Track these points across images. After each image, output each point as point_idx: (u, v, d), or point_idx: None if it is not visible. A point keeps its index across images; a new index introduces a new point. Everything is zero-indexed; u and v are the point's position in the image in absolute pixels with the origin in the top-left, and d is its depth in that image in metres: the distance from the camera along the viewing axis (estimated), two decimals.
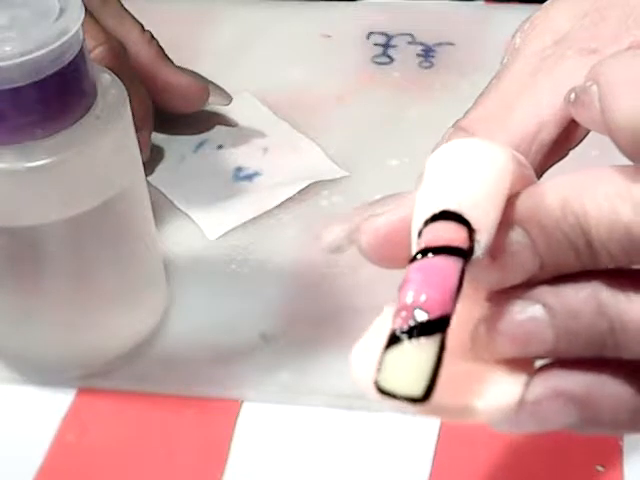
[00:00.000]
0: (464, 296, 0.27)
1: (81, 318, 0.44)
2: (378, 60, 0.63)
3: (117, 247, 0.43)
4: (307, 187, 0.54)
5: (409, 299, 0.26)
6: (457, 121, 0.34)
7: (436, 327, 0.26)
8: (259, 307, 0.48)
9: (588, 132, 0.32)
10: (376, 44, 0.64)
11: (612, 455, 0.41)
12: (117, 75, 0.42)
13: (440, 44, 0.64)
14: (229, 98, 0.57)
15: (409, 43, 0.64)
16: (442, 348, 0.25)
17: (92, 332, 0.44)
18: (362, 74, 0.62)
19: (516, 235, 0.27)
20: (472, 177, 0.27)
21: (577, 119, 0.30)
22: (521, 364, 0.28)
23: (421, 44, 0.64)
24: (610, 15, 0.33)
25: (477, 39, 0.64)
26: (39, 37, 0.37)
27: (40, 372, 0.45)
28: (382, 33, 0.65)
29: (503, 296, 0.28)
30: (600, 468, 0.40)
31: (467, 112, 0.34)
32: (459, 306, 0.27)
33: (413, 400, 0.25)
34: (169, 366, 0.45)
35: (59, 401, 0.45)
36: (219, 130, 0.58)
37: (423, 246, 0.27)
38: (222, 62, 0.62)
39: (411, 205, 0.29)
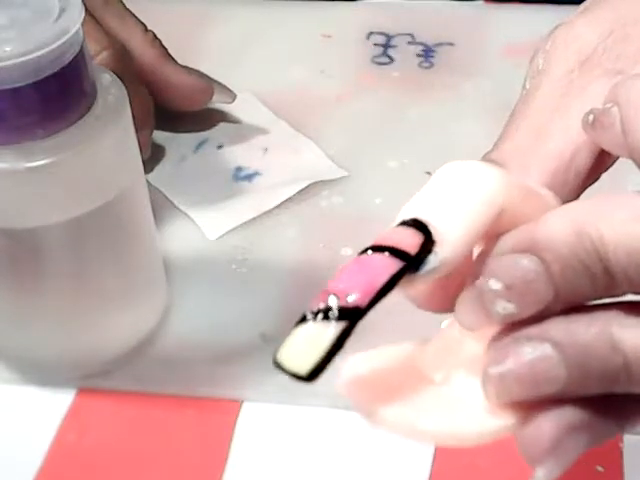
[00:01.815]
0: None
1: (81, 318, 0.44)
2: (378, 60, 0.63)
3: (117, 247, 0.43)
4: (307, 187, 0.54)
5: (331, 284, 0.27)
6: (487, 153, 0.33)
7: (344, 316, 0.26)
8: (259, 307, 0.48)
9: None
10: (376, 44, 0.64)
11: (612, 455, 0.41)
12: (120, 78, 0.42)
13: (440, 44, 0.64)
14: (233, 96, 0.57)
15: (409, 43, 0.64)
16: (344, 336, 0.26)
17: (92, 332, 0.44)
18: (362, 74, 0.62)
19: (529, 263, 0.27)
20: (456, 197, 0.28)
21: (596, 141, 0.30)
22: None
23: (421, 44, 0.64)
24: (634, 32, 0.32)
25: (477, 39, 0.64)
26: (39, 37, 0.37)
27: (40, 372, 0.45)
28: (382, 33, 0.65)
29: (512, 334, 0.27)
30: (600, 468, 0.40)
31: (497, 143, 0.33)
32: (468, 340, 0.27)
33: (298, 377, 0.26)
34: (169, 366, 0.45)
35: (59, 401, 0.45)
36: (219, 130, 0.58)
37: (375, 243, 0.27)
38: (222, 62, 0.62)
39: None
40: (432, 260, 0.27)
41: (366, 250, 0.27)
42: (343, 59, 0.63)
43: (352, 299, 0.26)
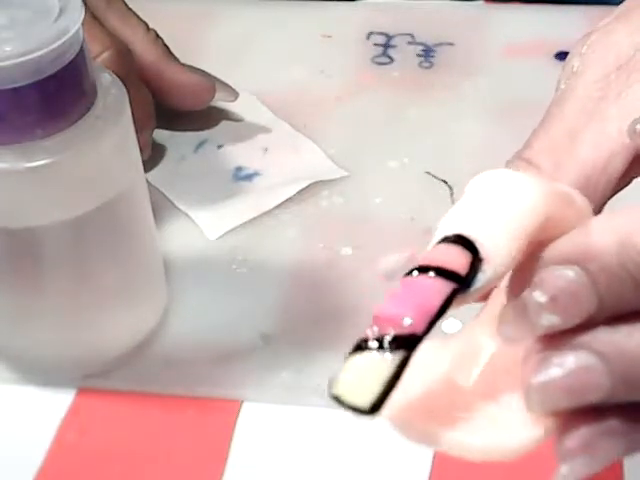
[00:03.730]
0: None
1: (81, 318, 0.44)
2: (378, 60, 0.63)
3: (117, 247, 0.43)
4: (307, 187, 0.54)
5: (384, 311, 0.25)
6: (519, 152, 0.32)
7: (402, 344, 0.25)
8: (259, 307, 0.48)
9: None
10: (376, 44, 0.64)
11: None
12: (122, 78, 0.42)
13: (440, 44, 0.64)
14: (235, 94, 0.57)
15: (409, 43, 0.64)
16: (403, 366, 0.25)
17: (92, 332, 0.44)
18: (362, 74, 0.62)
19: (574, 274, 0.27)
20: (498, 210, 0.27)
21: None
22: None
23: (421, 44, 0.64)
24: None
25: (477, 39, 0.64)
26: (39, 37, 0.37)
27: (40, 372, 0.45)
28: (382, 33, 0.65)
29: (554, 344, 0.27)
30: None
31: (529, 141, 0.32)
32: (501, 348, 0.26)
33: (359, 411, 0.25)
34: (169, 366, 0.45)
35: (59, 401, 0.45)
36: (219, 130, 0.58)
37: (421, 263, 0.26)
38: (222, 62, 0.62)
39: None
40: (481, 279, 0.26)
41: (412, 271, 0.26)
42: (343, 59, 0.63)
43: (407, 326, 0.25)
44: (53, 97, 0.38)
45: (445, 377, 0.29)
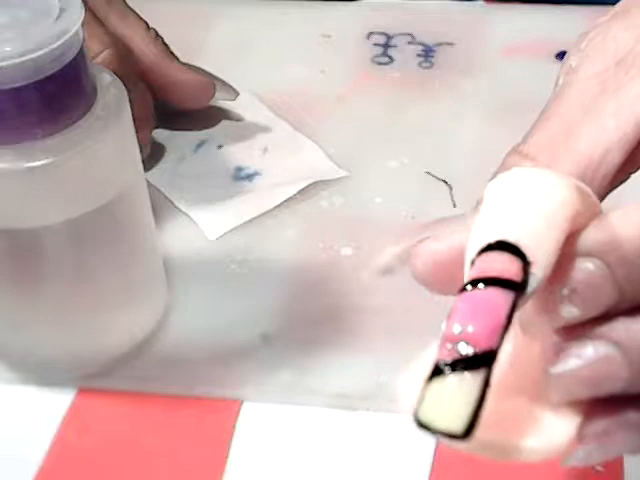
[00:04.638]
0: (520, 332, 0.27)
1: (81, 318, 0.44)
2: (378, 60, 0.63)
3: (117, 247, 0.43)
4: (307, 187, 0.54)
5: (455, 330, 0.25)
6: (516, 146, 0.32)
7: (481, 362, 0.25)
8: (259, 307, 0.48)
9: None
10: (376, 44, 0.64)
11: None
12: (122, 77, 0.42)
13: (440, 44, 0.64)
14: (235, 93, 0.58)
15: (409, 43, 0.64)
16: (486, 384, 0.25)
17: (92, 332, 0.44)
18: (362, 74, 0.62)
19: (594, 267, 0.27)
20: (531, 209, 0.27)
21: None
22: (572, 403, 0.28)
23: (421, 44, 0.64)
24: None
25: (477, 39, 0.64)
26: (39, 37, 0.37)
27: (40, 372, 0.45)
28: (382, 33, 0.65)
29: (573, 335, 0.27)
30: (600, 468, 0.40)
31: (526, 136, 0.32)
32: (516, 341, 0.26)
33: (453, 436, 0.24)
34: (169, 366, 0.45)
35: (59, 401, 0.45)
36: (219, 130, 0.58)
37: (474, 276, 0.26)
38: (222, 62, 0.62)
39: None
40: (532, 282, 0.26)
41: (466, 285, 0.26)
42: (343, 59, 0.63)
43: (482, 342, 0.25)
44: (53, 97, 0.38)
45: None
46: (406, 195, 0.53)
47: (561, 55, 0.61)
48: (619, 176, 0.31)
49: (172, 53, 0.56)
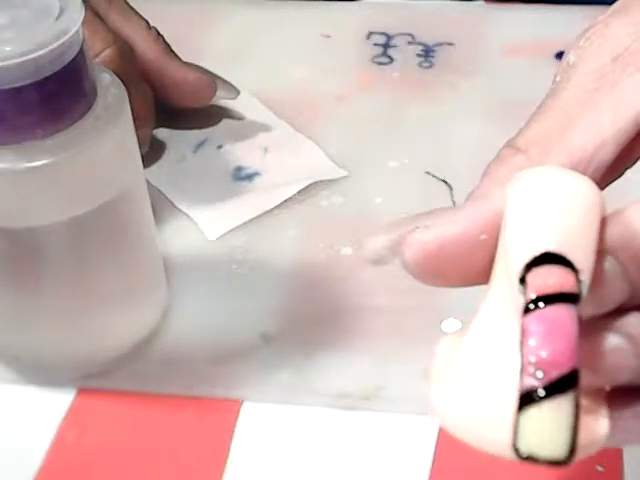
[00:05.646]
0: None
1: (81, 318, 0.44)
2: (378, 60, 0.63)
3: (117, 247, 0.43)
4: (307, 187, 0.54)
5: (540, 354, 0.25)
6: (511, 140, 0.32)
7: (568, 383, 0.25)
8: (259, 307, 0.48)
9: None
10: (376, 44, 0.64)
11: (612, 455, 0.41)
12: (123, 76, 0.42)
13: (440, 44, 0.64)
14: (236, 92, 0.58)
15: (409, 43, 0.64)
16: (577, 404, 0.25)
17: (92, 332, 0.44)
18: (362, 74, 0.62)
19: (608, 264, 0.27)
20: (567, 212, 0.26)
21: None
22: (595, 394, 0.28)
23: (421, 44, 0.64)
24: None
25: (477, 39, 0.64)
26: (39, 37, 0.37)
27: (40, 372, 0.45)
28: (382, 33, 0.65)
29: (585, 330, 0.27)
30: (600, 468, 0.40)
31: (521, 130, 0.32)
32: None
33: (556, 462, 0.24)
34: (169, 366, 0.45)
35: (59, 401, 0.45)
36: (219, 130, 0.58)
37: (534, 295, 0.26)
38: (222, 62, 0.62)
39: (465, 222, 0.28)
40: (584, 290, 0.26)
41: (529, 305, 0.25)
42: (343, 59, 0.63)
43: (565, 363, 0.25)
44: (53, 97, 0.38)
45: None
46: (406, 195, 0.53)
47: (561, 55, 0.61)
48: (614, 171, 0.32)
49: (173, 52, 0.56)
